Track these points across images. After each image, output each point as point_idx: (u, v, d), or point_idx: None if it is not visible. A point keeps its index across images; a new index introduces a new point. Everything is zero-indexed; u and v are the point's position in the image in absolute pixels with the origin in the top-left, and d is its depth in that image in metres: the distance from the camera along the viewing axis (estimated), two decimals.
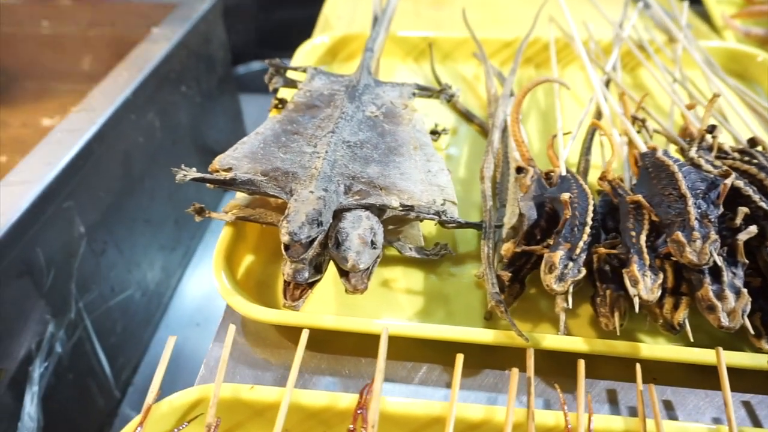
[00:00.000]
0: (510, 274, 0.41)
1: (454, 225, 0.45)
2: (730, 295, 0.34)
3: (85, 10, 0.90)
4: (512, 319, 0.38)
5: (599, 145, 0.53)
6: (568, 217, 0.39)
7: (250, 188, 0.43)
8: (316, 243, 0.39)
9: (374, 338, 0.38)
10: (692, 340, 0.37)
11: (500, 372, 0.39)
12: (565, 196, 0.38)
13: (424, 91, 0.56)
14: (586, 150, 0.51)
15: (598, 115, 0.54)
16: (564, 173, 0.45)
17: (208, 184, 0.44)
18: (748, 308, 0.34)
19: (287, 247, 0.38)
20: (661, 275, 0.35)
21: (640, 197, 0.38)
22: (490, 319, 0.42)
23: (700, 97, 0.55)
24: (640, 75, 0.65)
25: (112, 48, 0.89)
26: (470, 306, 0.43)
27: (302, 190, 0.41)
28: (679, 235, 0.34)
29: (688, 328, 0.37)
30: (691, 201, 0.36)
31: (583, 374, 0.35)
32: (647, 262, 0.35)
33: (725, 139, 0.48)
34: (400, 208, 0.43)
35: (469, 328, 0.38)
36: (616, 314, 0.39)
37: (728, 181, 0.36)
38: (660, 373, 0.39)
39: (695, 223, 0.35)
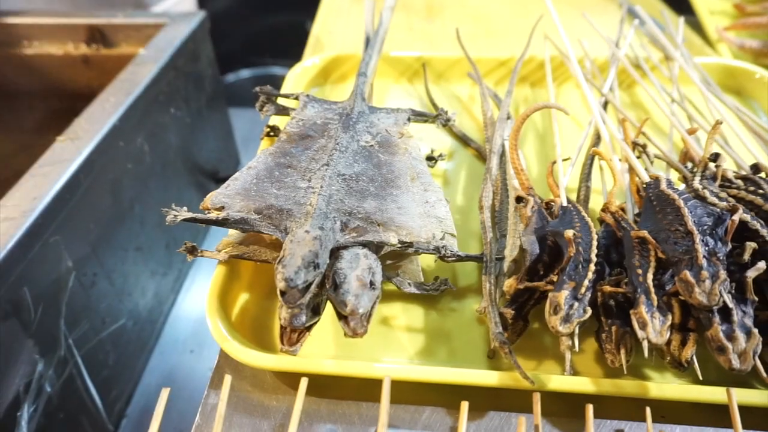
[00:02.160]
0: (513, 311, 0.40)
1: (454, 259, 0.43)
2: (740, 336, 0.33)
3: (71, 30, 0.88)
4: (517, 360, 0.37)
5: (599, 168, 0.52)
6: (572, 254, 0.38)
7: (244, 227, 0.42)
8: (313, 286, 0.38)
9: (375, 381, 0.37)
10: (701, 378, 0.36)
11: (506, 414, 0.38)
12: (569, 233, 0.37)
13: (420, 117, 0.54)
14: (586, 176, 0.50)
15: (597, 138, 0.53)
16: (565, 203, 0.44)
17: (200, 223, 0.43)
18: (759, 349, 0.33)
19: (283, 293, 0.37)
20: (670, 316, 0.34)
21: (645, 233, 0.37)
22: (493, 358, 0.40)
23: (699, 118, 0.54)
24: (637, 93, 0.64)
25: (100, 68, 0.87)
26: (473, 343, 0.42)
27: (298, 230, 0.39)
28: (687, 275, 0.34)
29: (696, 364, 0.37)
30: (698, 238, 0.35)
31: (591, 419, 0.34)
32: (655, 303, 0.34)
33: (727, 164, 0.47)
34: (399, 245, 0.41)
35: (473, 371, 0.37)
36: (623, 351, 0.38)
37: (736, 218, 0.35)
38: (669, 410, 0.38)
39: (703, 262, 0.34)
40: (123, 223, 0.68)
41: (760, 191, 0.40)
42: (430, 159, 0.55)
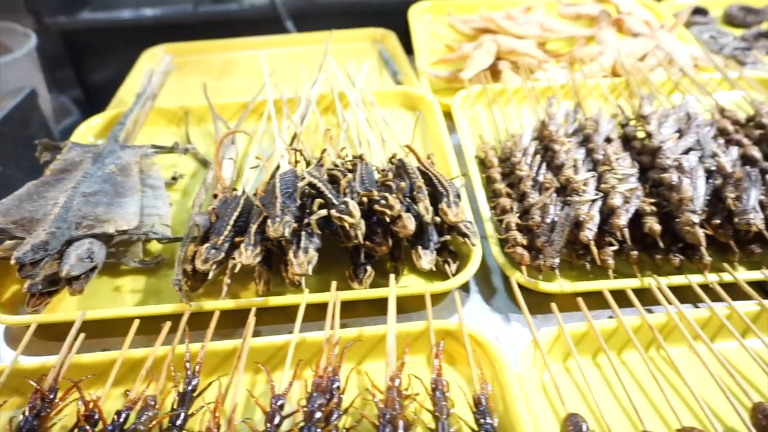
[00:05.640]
0: (192, 266, 0.59)
1: (166, 240, 0.64)
2: (301, 255, 0.54)
3: None
4: (185, 294, 0.56)
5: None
6: (214, 221, 0.58)
7: (2, 235, 0.60)
8: (43, 263, 0.56)
9: (98, 321, 0.55)
10: (308, 291, 0.57)
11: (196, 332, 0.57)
12: (210, 209, 0.59)
13: (161, 149, 0.75)
14: (271, 176, 0.71)
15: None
16: (239, 194, 0.65)
17: None
18: (314, 261, 0.55)
19: (19, 269, 0.55)
20: (259, 248, 0.55)
21: (258, 201, 0.58)
22: (185, 301, 0.60)
23: (370, 131, 0.78)
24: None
25: None
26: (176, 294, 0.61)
27: (39, 230, 0.58)
28: (269, 222, 0.55)
29: (303, 282, 0.57)
30: (279, 199, 0.56)
31: (214, 325, 0.53)
32: (252, 242, 0.55)
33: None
34: (117, 233, 0.61)
35: (150, 306, 0.57)
36: (262, 281, 0.58)
37: (301, 184, 0.57)
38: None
39: (279, 212, 0.55)
40: None
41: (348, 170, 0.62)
42: (174, 179, 0.75)
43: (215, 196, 0.67)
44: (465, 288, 0.63)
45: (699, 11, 1.16)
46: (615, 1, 1.06)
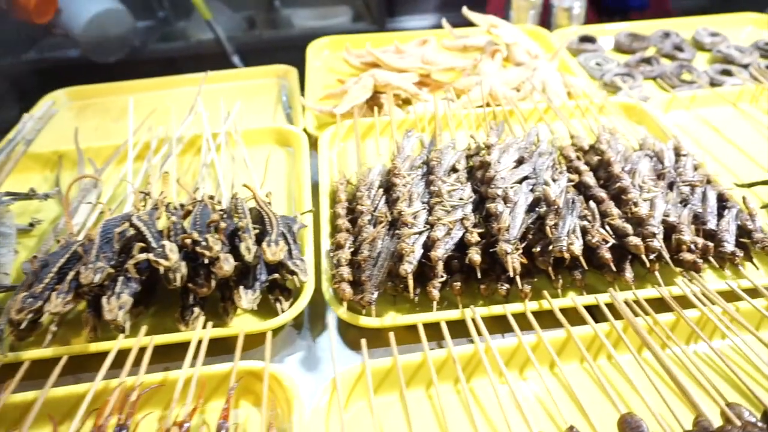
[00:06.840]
0: None
1: (1, 289, 0.64)
2: (113, 300, 0.55)
3: None
4: (1, 344, 0.56)
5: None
6: (36, 269, 0.59)
7: None
8: None
9: None
10: (124, 336, 0.57)
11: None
12: (32, 258, 0.59)
13: (17, 196, 0.76)
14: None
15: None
16: (80, 239, 0.65)
17: None
18: (126, 307, 0.55)
19: None
20: (71, 296, 0.56)
21: (80, 248, 0.59)
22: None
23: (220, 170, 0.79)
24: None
25: None
26: None
27: None
28: (81, 269, 0.55)
29: (127, 325, 0.58)
30: (96, 245, 0.57)
31: (20, 375, 0.53)
32: (66, 289, 0.56)
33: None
34: None
35: None
36: (89, 328, 0.59)
37: (118, 229, 0.58)
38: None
39: (93, 258, 0.56)
40: None
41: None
42: (31, 225, 0.76)
43: (58, 241, 0.67)
44: (299, 324, 0.63)
45: (588, 39, 1.20)
46: (499, 33, 1.09)
